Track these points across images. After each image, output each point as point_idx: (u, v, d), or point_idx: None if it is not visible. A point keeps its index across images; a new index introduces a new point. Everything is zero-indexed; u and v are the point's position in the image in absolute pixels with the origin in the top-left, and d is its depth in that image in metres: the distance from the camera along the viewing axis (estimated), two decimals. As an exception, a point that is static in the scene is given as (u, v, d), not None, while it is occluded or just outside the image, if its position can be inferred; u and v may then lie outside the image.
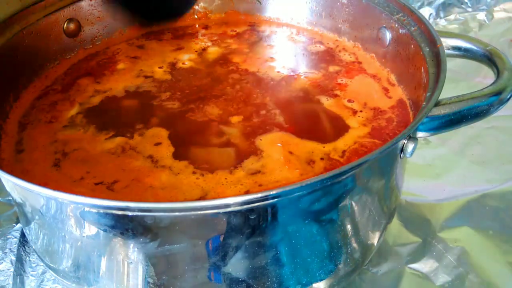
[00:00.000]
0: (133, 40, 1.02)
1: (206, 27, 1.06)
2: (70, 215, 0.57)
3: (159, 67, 0.93)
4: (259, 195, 0.51)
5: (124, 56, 0.97)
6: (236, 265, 0.59)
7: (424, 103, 0.64)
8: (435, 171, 0.98)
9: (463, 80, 1.21)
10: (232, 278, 0.60)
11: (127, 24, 1.03)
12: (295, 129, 0.77)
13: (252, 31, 1.04)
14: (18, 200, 0.63)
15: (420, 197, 0.93)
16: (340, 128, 0.77)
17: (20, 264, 0.82)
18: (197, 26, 1.07)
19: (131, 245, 0.57)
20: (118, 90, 0.87)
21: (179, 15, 1.07)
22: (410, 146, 0.62)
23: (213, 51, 0.97)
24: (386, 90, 0.86)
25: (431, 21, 1.44)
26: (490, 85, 0.68)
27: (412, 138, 0.62)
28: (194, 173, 0.69)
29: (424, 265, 0.81)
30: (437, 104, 0.66)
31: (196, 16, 1.08)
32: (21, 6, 0.86)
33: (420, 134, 0.68)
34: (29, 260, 0.82)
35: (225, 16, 1.08)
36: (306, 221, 0.59)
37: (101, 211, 0.54)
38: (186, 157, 0.72)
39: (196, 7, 1.07)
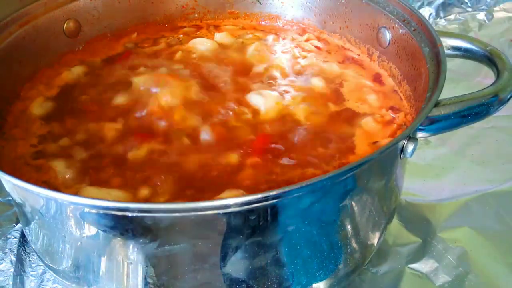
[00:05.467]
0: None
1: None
2: (70, 216, 0.57)
3: None
4: (259, 196, 0.51)
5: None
6: (236, 266, 0.59)
7: (424, 103, 0.64)
8: (435, 171, 0.98)
9: (463, 80, 1.21)
10: (232, 278, 0.60)
11: (128, 24, 1.03)
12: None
13: (252, 32, 1.04)
14: (18, 200, 0.63)
15: (420, 197, 0.92)
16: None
17: (20, 264, 0.82)
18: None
19: (131, 246, 0.57)
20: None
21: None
22: (410, 147, 0.62)
23: (212, 49, 0.97)
24: (386, 90, 0.86)
25: (431, 21, 1.44)
26: (490, 85, 0.69)
27: (412, 138, 0.62)
28: None
29: (424, 265, 0.81)
30: (437, 104, 0.66)
31: (196, 15, 1.08)
32: (21, 5, 0.86)
33: (420, 135, 0.68)
34: (29, 260, 0.82)
35: (224, 16, 1.08)
36: (306, 222, 0.59)
37: (101, 211, 0.54)
38: None
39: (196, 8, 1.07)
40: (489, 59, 0.73)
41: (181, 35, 1.03)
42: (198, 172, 0.70)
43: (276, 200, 0.54)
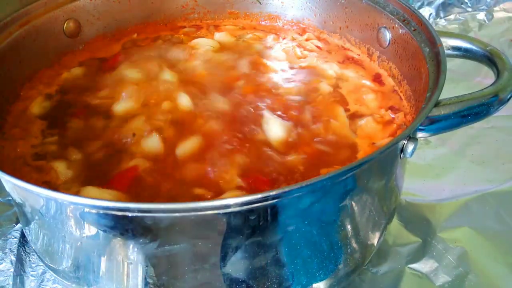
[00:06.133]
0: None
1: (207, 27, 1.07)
2: (70, 216, 0.57)
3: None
4: (259, 196, 0.51)
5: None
6: (236, 266, 0.59)
7: (424, 103, 0.64)
8: (435, 171, 0.98)
9: (463, 80, 1.21)
10: (232, 278, 0.60)
11: (128, 24, 1.03)
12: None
13: (252, 32, 1.04)
14: (18, 200, 0.63)
15: (420, 197, 0.92)
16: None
17: (20, 264, 0.82)
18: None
19: (131, 246, 0.57)
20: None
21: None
22: (410, 147, 0.62)
23: (212, 50, 0.97)
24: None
25: (431, 21, 1.44)
26: (490, 85, 0.69)
27: (412, 138, 0.62)
28: None
29: (424, 265, 0.81)
30: (437, 104, 0.66)
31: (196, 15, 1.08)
32: (21, 5, 0.86)
33: (420, 135, 0.68)
34: (29, 260, 0.82)
35: (224, 16, 1.08)
36: (306, 222, 0.59)
37: (101, 211, 0.54)
38: None
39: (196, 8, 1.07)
40: (489, 59, 0.73)
41: (182, 35, 1.03)
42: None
43: (276, 200, 0.54)
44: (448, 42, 0.76)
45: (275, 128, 0.76)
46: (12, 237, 0.85)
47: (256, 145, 0.74)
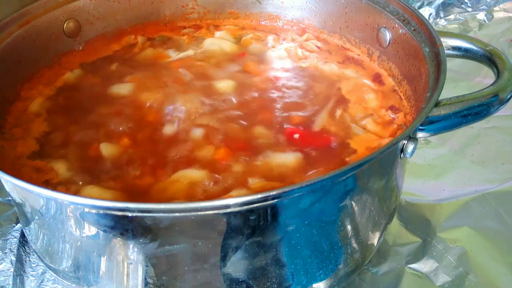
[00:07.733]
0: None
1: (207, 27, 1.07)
2: (70, 216, 0.57)
3: None
4: (259, 196, 0.51)
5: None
6: (236, 266, 0.59)
7: (424, 103, 0.64)
8: (435, 171, 0.98)
9: (463, 80, 1.21)
10: (232, 278, 0.60)
11: (127, 24, 1.03)
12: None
13: (252, 32, 1.04)
14: (18, 200, 0.63)
15: (420, 197, 0.93)
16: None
17: (20, 264, 0.82)
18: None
19: (131, 246, 0.57)
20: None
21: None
22: (410, 147, 0.62)
23: (211, 51, 0.97)
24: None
25: (431, 21, 1.44)
26: (490, 85, 0.68)
27: (412, 138, 0.62)
28: None
29: (424, 265, 0.81)
30: (437, 104, 0.66)
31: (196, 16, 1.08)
32: (21, 5, 0.86)
33: (420, 135, 0.68)
34: (29, 260, 0.82)
35: (224, 16, 1.08)
36: (306, 222, 0.59)
37: (101, 211, 0.54)
38: None
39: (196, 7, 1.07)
40: (489, 59, 0.73)
41: (182, 36, 1.03)
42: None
43: (276, 200, 0.54)
44: (448, 42, 0.76)
45: None
46: (12, 237, 0.85)
47: None
